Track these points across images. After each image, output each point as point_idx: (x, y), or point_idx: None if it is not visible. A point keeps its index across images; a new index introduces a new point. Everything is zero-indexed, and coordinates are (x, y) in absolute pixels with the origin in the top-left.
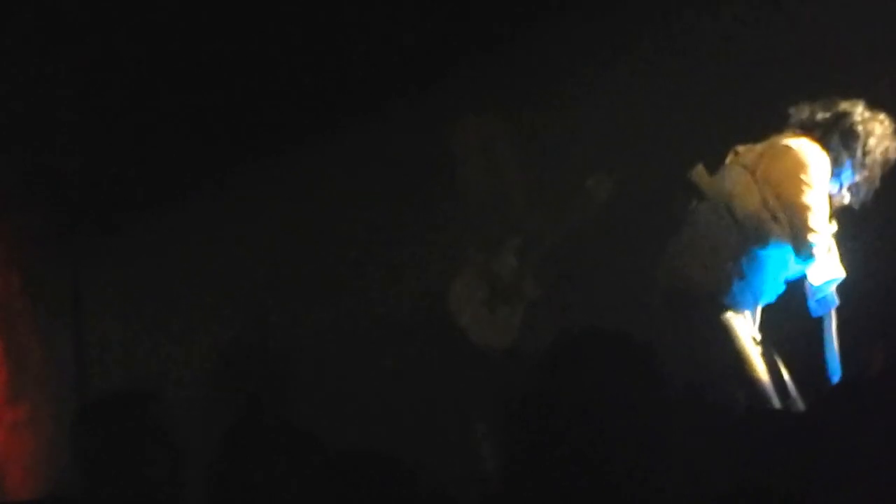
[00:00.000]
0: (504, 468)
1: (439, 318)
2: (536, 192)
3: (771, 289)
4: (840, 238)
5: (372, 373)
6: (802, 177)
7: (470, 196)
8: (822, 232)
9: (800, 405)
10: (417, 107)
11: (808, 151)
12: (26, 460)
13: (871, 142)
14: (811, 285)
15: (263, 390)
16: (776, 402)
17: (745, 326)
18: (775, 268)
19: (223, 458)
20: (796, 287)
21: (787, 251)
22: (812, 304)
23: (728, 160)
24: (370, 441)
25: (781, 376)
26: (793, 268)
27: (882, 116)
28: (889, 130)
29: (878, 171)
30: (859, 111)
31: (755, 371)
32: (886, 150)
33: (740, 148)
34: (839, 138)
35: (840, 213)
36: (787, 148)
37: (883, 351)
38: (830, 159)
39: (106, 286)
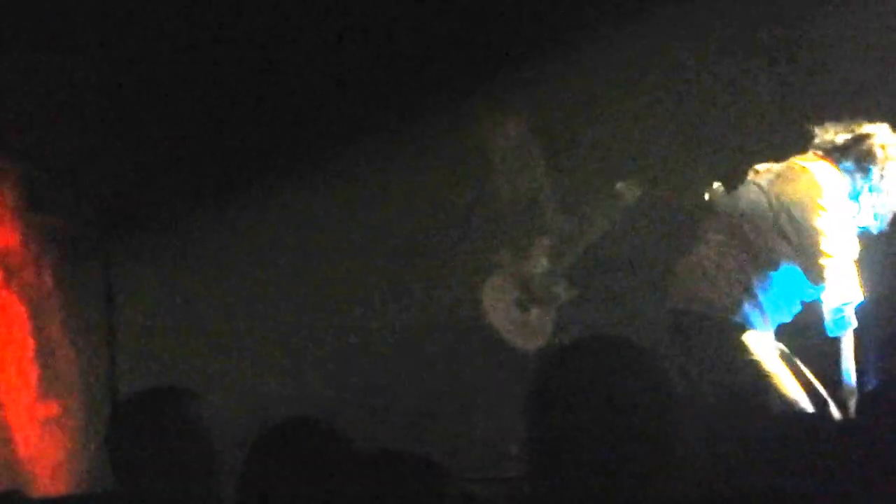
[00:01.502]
0: (527, 468)
1: (473, 319)
2: (566, 195)
3: (785, 309)
4: (859, 260)
5: (408, 372)
6: (817, 200)
7: (502, 199)
8: (836, 256)
9: (816, 419)
10: (452, 111)
11: (824, 175)
12: (57, 457)
13: (890, 165)
14: (827, 307)
15: (298, 390)
16: (791, 415)
17: (758, 344)
18: (788, 289)
19: (259, 457)
20: (814, 307)
21: (799, 274)
22: (828, 324)
23: (746, 179)
24: (405, 440)
25: (797, 391)
26: (807, 290)
27: None
28: None
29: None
30: (881, 134)
31: (768, 386)
32: None
33: (759, 167)
34: (858, 161)
35: (860, 236)
36: (804, 170)
37: None
38: (848, 182)
39: (138, 284)
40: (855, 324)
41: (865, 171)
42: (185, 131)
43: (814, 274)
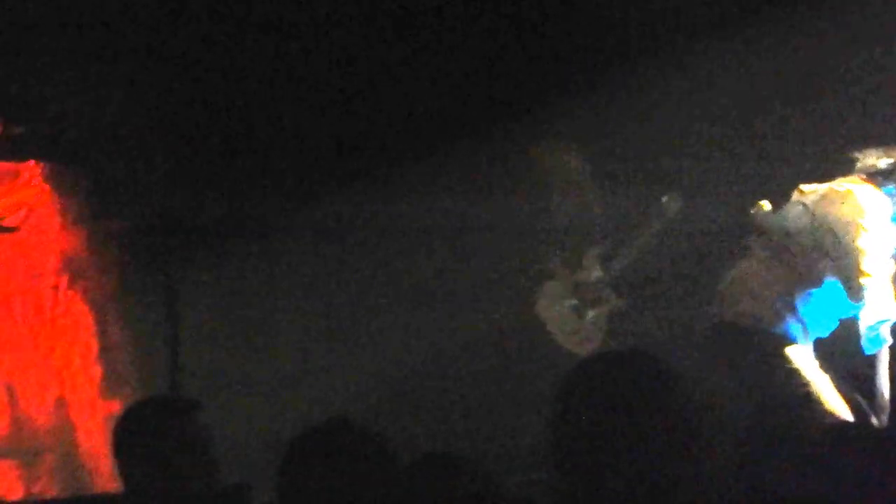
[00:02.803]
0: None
1: (530, 325)
2: (615, 207)
3: (823, 325)
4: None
5: (468, 377)
6: (860, 221)
7: (556, 212)
8: (875, 275)
9: (855, 429)
10: (512, 134)
11: (867, 197)
12: None
13: None
14: (864, 324)
15: (347, 394)
16: (830, 425)
17: (798, 357)
18: (827, 305)
19: (298, 458)
20: (850, 324)
21: (839, 291)
22: (865, 342)
23: (792, 198)
24: (460, 442)
25: (837, 402)
26: (846, 307)
27: None
28: None
29: None
30: None
31: (809, 396)
32: None
33: (804, 187)
34: None
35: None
36: (848, 192)
37: None
38: (890, 204)
39: (198, 287)
40: (891, 341)
41: None
42: (241, 139)
43: (854, 291)
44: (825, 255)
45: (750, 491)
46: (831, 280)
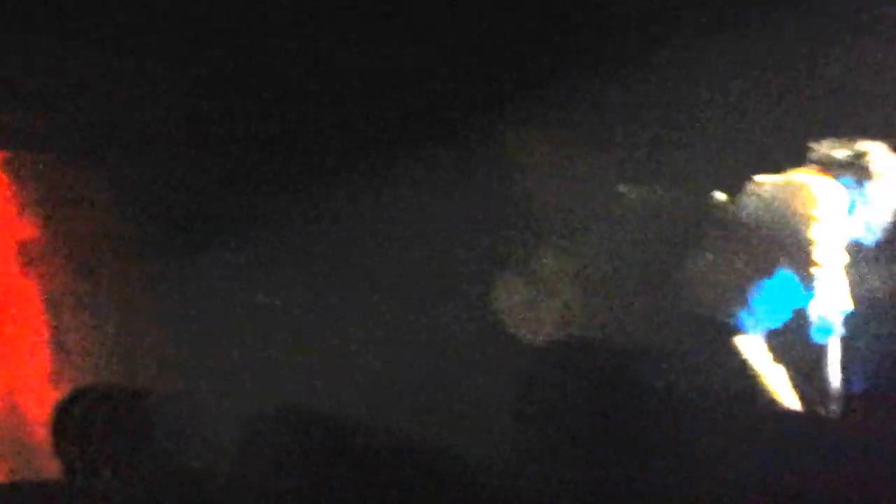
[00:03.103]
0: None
1: (482, 314)
2: (572, 196)
3: (775, 315)
4: (850, 271)
5: (416, 366)
6: (814, 212)
7: (514, 199)
8: (828, 266)
9: (804, 419)
10: (467, 115)
11: (822, 188)
12: None
13: (885, 181)
14: (815, 314)
15: (301, 384)
16: (780, 415)
17: (750, 347)
18: (780, 296)
19: (257, 447)
20: (802, 315)
21: (792, 281)
22: (815, 332)
23: (746, 189)
24: (410, 433)
25: (787, 393)
26: (799, 297)
27: None
28: None
29: (890, 210)
30: (878, 152)
31: (759, 387)
32: None
33: (759, 178)
34: (854, 176)
35: (851, 248)
36: (803, 183)
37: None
38: (845, 196)
39: (156, 275)
40: (841, 331)
41: (861, 186)
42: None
43: (806, 281)
44: (779, 246)
45: (702, 477)
46: (784, 270)
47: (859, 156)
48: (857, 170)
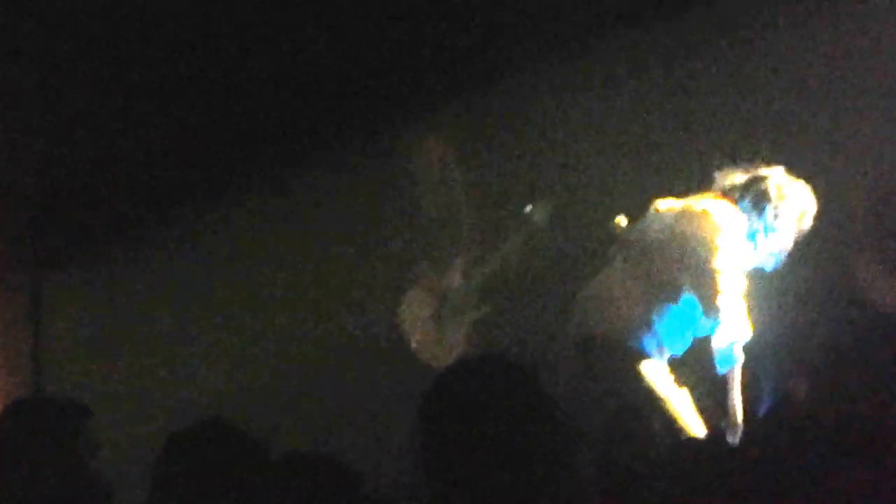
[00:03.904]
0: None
1: (389, 332)
2: (481, 214)
3: (677, 342)
4: (749, 297)
5: (323, 385)
6: (716, 239)
7: (421, 215)
8: (731, 294)
9: (704, 445)
10: (373, 126)
11: (724, 214)
12: None
13: (784, 206)
14: (717, 343)
15: (210, 397)
16: (680, 441)
17: (653, 371)
18: (683, 322)
19: (171, 460)
20: (703, 342)
21: (695, 308)
22: (717, 360)
23: (648, 213)
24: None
25: (688, 418)
26: (700, 325)
27: (800, 183)
28: (806, 197)
29: (790, 235)
30: (775, 175)
31: (661, 411)
32: (801, 215)
33: (661, 202)
34: (754, 200)
35: (751, 274)
36: (705, 209)
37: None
38: (746, 221)
39: (67, 291)
40: (742, 359)
41: (760, 211)
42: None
43: (709, 309)
44: (682, 272)
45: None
46: (688, 296)
47: (757, 180)
48: (755, 194)
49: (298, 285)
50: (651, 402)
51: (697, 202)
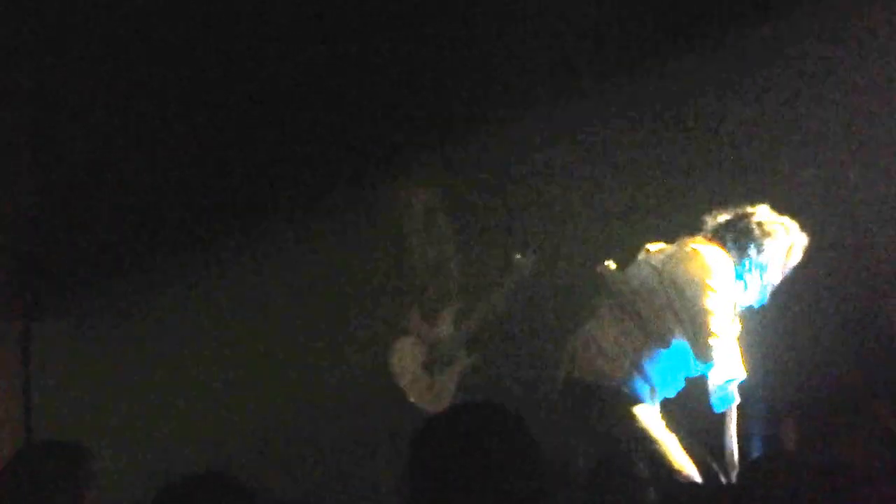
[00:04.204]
0: None
1: (381, 380)
2: (470, 263)
3: (670, 385)
4: (743, 337)
5: (317, 433)
6: (707, 282)
7: (411, 266)
8: (723, 335)
9: (699, 488)
10: (364, 179)
11: (713, 257)
12: None
13: (769, 242)
14: (713, 383)
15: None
16: (675, 484)
17: (645, 415)
18: (675, 366)
19: None
20: (699, 382)
21: (686, 351)
22: (713, 400)
23: (638, 258)
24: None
25: (683, 461)
26: (693, 367)
27: (784, 220)
28: (793, 232)
29: (777, 272)
30: (759, 213)
31: (655, 455)
32: (788, 251)
33: (651, 247)
34: (738, 238)
35: (743, 313)
36: (695, 252)
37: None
38: (733, 261)
39: (56, 336)
40: (738, 399)
41: (745, 248)
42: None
43: (702, 352)
44: (673, 316)
45: None
46: (679, 341)
47: (741, 218)
48: (739, 231)
49: (290, 336)
50: (641, 447)
51: (684, 246)
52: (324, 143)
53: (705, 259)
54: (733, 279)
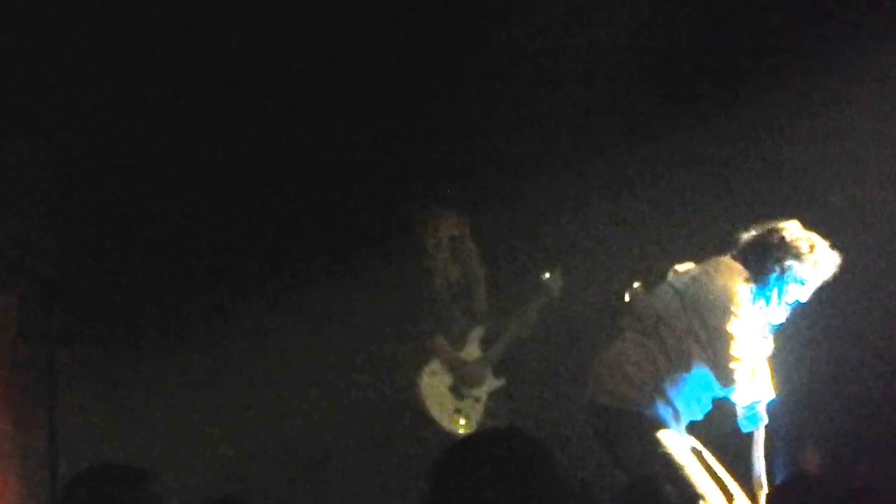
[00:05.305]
0: None
1: (410, 405)
2: (496, 286)
3: (696, 407)
4: (772, 357)
5: (349, 458)
6: (728, 306)
7: (438, 288)
8: (745, 359)
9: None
10: (389, 201)
11: (735, 279)
12: None
13: (796, 259)
14: (740, 403)
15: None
16: None
17: (670, 439)
18: (699, 389)
19: None
20: (726, 404)
21: (710, 375)
22: (742, 421)
23: (667, 279)
24: None
25: (708, 485)
26: (717, 390)
27: (812, 236)
28: (818, 250)
29: (807, 289)
30: (787, 229)
31: (680, 479)
32: (815, 266)
33: (679, 267)
34: (761, 255)
35: (773, 335)
36: (717, 273)
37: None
38: (757, 279)
39: (82, 367)
40: (766, 420)
41: (769, 265)
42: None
43: (724, 377)
44: (694, 340)
45: None
46: (701, 365)
47: (766, 234)
48: (763, 248)
49: (316, 361)
50: (667, 471)
51: (708, 267)
52: (353, 172)
53: (727, 282)
54: (757, 301)
